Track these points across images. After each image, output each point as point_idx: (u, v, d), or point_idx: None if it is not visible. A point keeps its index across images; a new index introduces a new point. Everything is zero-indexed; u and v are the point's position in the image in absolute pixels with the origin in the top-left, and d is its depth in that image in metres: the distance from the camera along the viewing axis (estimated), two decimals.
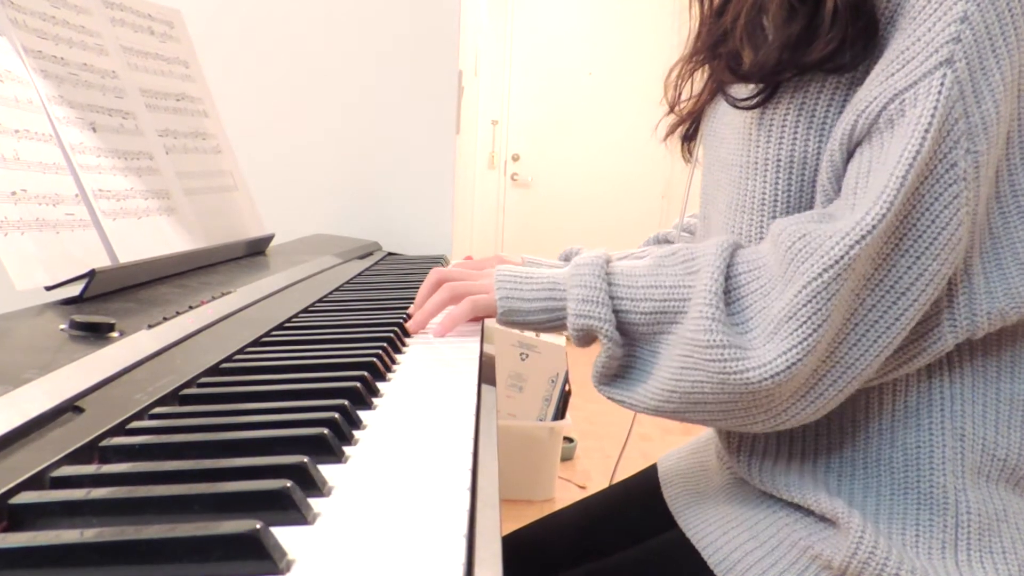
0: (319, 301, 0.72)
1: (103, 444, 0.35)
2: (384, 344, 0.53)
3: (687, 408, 0.49)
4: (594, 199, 3.64)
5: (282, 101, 1.30)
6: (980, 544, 0.47)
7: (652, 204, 3.59)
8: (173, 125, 0.82)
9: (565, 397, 1.85)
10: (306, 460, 0.32)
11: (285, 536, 0.27)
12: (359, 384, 0.44)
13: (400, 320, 0.63)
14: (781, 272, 0.44)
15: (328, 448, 0.35)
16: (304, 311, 0.67)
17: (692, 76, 0.58)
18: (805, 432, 0.52)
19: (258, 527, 0.25)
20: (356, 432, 0.39)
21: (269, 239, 0.98)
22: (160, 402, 0.41)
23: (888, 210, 0.41)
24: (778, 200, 0.49)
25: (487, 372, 0.54)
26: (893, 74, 0.43)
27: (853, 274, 0.42)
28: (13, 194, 0.54)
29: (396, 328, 0.60)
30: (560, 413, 1.85)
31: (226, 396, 0.43)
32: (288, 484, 0.29)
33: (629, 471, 0.74)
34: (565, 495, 1.88)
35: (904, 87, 0.42)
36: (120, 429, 0.37)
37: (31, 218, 0.55)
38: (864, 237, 0.41)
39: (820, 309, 0.42)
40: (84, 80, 0.69)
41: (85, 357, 0.42)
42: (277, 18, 1.29)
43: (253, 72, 1.29)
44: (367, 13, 1.28)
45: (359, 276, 0.90)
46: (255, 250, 0.94)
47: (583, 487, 1.95)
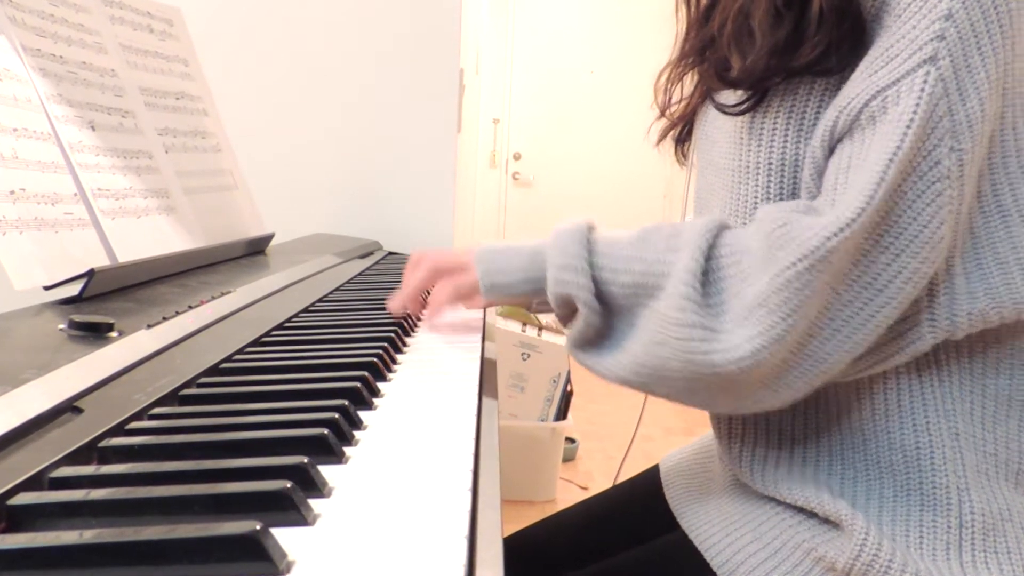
0: (319, 301, 0.72)
1: (102, 445, 0.35)
2: (385, 344, 0.53)
3: (654, 382, 0.49)
4: (596, 198, 3.64)
5: (282, 99, 1.30)
6: (985, 544, 0.46)
7: (654, 203, 3.59)
8: (172, 124, 0.82)
9: (567, 397, 1.85)
10: (306, 461, 0.32)
11: (285, 537, 0.27)
12: (360, 384, 0.44)
13: (401, 320, 0.63)
14: (760, 258, 0.44)
15: (328, 449, 0.35)
16: (304, 311, 0.67)
17: (682, 80, 0.58)
18: (807, 436, 0.52)
19: (258, 528, 0.25)
20: (357, 432, 0.39)
21: (269, 238, 0.98)
22: (159, 402, 0.41)
23: (868, 204, 0.41)
24: (771, 203, 0.49)
25: (488, 373, 0.54)
26: (877, 71, 0.43)
27: (829, 267, 0.42)
28: (12, 193, 0.54)
29: (397, 328, 0.59)
30: (562, 413, 1.84)
31: (226, 396, 0.43)
32: (288, 485, 0.29)
33: (631, 471, 0.74)
34: (567, 496, 1.88)
35: (887, 84, 0.42)
36: (119, 430, 0.37)
37: (30, 217, 0.55)
38: (842, 230, 0.41)
39: (791, 298, 0.42)
40: (83, 78, 0.68)
41: (84, 357, 0.42)
42: (277, 16, 1.29)
43: (253, 70, 1.29)
44: (367, 11, 1.27)
45: (360, 276, 0.90)
46: (255, 249, 0.94)
47: (585, 488, 1.95)
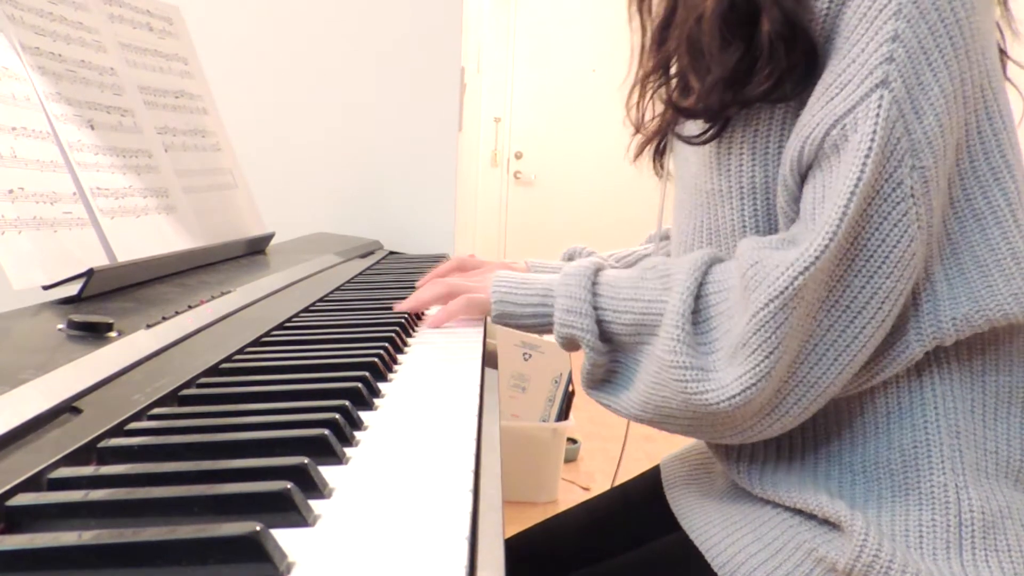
0: (320, 300, 0.72)
1: (101, 445, 0.35)
2: (386, 344, 0.53)
3: (661, 420, 0.51)
4: (597, 197, 3.64)
5: (282, 98, 1.30)
6: (984, 543, 0.46)
7: (655, 202, 3.57)
8: (172, 122, 0.82)
9: (569, 398, 1.85)
10: (307, 461, 0.32)
11: (285, 538, 0.27)
12: (360, 384, 0.43)
13: (402, 320, 0.63)
14: (741, 297, 0.46)
15: (329, 449, 0.35)
16: (305, 311, 0.67)
17: (653, 98, 0.58)
18: (804, 438, 0.52)
19: (258, 529, 0.25)
20: (357, 433, 0.39)
21: (269, 238, 0.97)
22: (159, 403, 0.41)
23: (831, 240, 0.42)
24: (747, 225, 0.50)
25: (489, 373, 0.54)
26: (832, 98, 0.44)
27: (801, 302, 0.43)
28: (10, 192, 0.54)
29: (398, 328, 0.59)
30: (564, 414, 1.84)
31: (226, 397, 0.43)
32: (288, 486, 0.29)
33: (633, 472, 0.74)
34: (569, 497, 1.88)
35: (843, 112, 0.43)
36: (118, 430, 0.37)
37: (28, 217, 0.54)
38: (807, 268, 0.42)
39: (769, 338, 0.43)
40: (82, 77, 0.68)
41: (83, 357, 0.42)
42: (277, 15, 1.28)
43: (253, 68, 1.29)
44: (368, 9, 1.27)
45: (360, 275, 0.90)
46: (255, 249, 0.94)
47: (587, 489, 1.95)
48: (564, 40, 3.58)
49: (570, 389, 1.85)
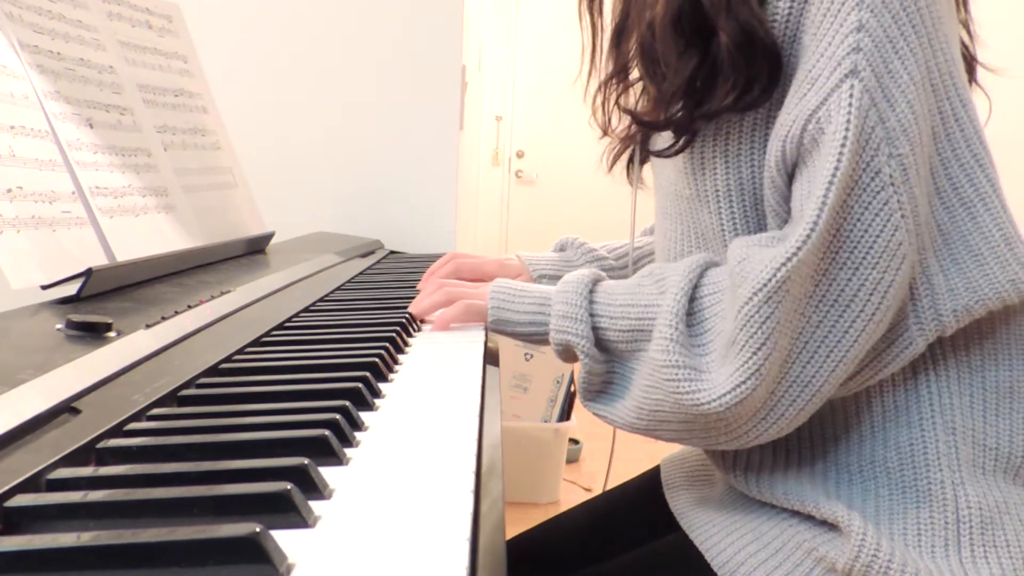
0: (320, 300, 0.72)
1: (100, 446, 0.35)
2: (386, 344, 0.53)
3: (654, 426, 0.50)
4: (599, 196, 3.62)
5: (282, 97, 1.30)
6: (983, 539, 0.46)
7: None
8: (171, 121, 0.82)
9: (570, 398, 1.85)
10: (307, 462, 0.31)
11: (285, 539, 0.27)
12: (361, 385, 0.43)
13: (403, 320, 0.63)
14: (730, 297, 0.45)
15: (329, 450, 0.35)
16: (305, 310, 0.67)
17: (617, 102, 0.58)
18: (800, 439, 0.52)
19: (258, 530, 0.25)
20: (358, 434, 0.39)
21: (269, 237, 0.97)
22: (158, 403, 0.40)
23: (812, 231, 0.42)
24: (725, 228, 0.50)
25: (491, 373, 0.54)
26: (805, 94, 0.43)
27: (787, 295, 0.43)
28: (9, 191, 0.53)
29: (398, 328, 0.59)
30: (565, 414, 1.84)
31: (225, 397, 0.43)
32: (288, 487, 0.29)
33: (634, 472, 0.74)
34: (570, 498, 1.87)
35: (816, 105, 0.43)
36: (117, 431, 0.37)
37: (27, 216, 0.54)
38: (789, 259, 0.42)
39: (755, 333, 0.43)
40: (81, 75, 0.68)
41: (82, 357, 0.42)
42: (278, 14, 1.28)
43: (253, 67, 1.29)
44: (369, 8, 1.27)
45: (361, 275, 0.90)
46: (255, 248, 0.94)
47: (588, 489, 1.94)
48: (566, 38, 3.56)
49: (572, 390, 1.85)
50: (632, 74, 0.55)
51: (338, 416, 0.37)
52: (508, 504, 0.40)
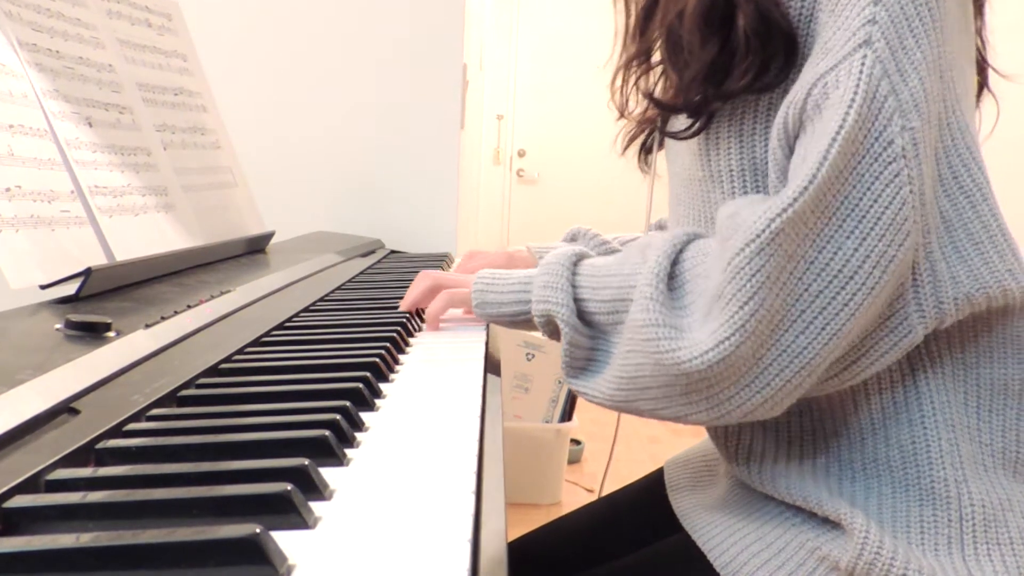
0: (320, 300, 0.72)
1: (99, 446, 0.35)
2: (387, 344, 0.53)
3: (634, 396, 0.49)
4: (601, 195, 3.62)
5: (282, 95, 1.30)
6: (987, 536, 0.46)
7: (660, 200, 3.57)
8: (171, 120, 0.82)
9: (572, 398, 1.84)
10: (307, 463, 0.31)
11: (286, 541, 0.27)
12: (361, 385, 0.43)
13: (404, 320, 0.62)
14: (718, 254, 0.44)
15: (330, 450, 0.35)
16: (305, 310, 0.67)
17: (636, 84, 0.58)
18: (803, 430, 0.52)
19: (258, 531, 0.25)
20: (358, 434, 0.38)
21: (269, 237, 0.97)
22: (158, 403, 0.40)
23: (810, 182, 0.41)
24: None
25: (492, 373, 0.54)
26: (817, 64, 0.44)
27: (779, 250, 0.42)
28: (7, 190, 0.53)
29: (399, 328, 0.59)
30: (567, 415, 1.84)
31: (225, 397, 0.43)
32: (289, 487, 0.29)
33: (638, 473, 0.74)
34: (572, 498, 1.87)
35: (825, 70, 0.43)
36: (117, 431, 0.36)
37: (26, 215, 0.54)
38: (784, 210, 0.41)
39: (744, 285, 0.41)
40: (80, 74, 0.68)
41: (81, 357, 0.42)
42: (278, 13, 1.28)
43: (253, 65, 1.28)
44: (370, 6, 1.27)
45: (361, 275, 0.89)
46: (255, 248, 0.93)
47: (591, 490, 1.94)
48: (568, 36, 3.57)
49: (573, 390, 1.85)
50: (653, 57, 0.55)
51: (338, 416, 0.37)
52: (509, 505, 0.40)
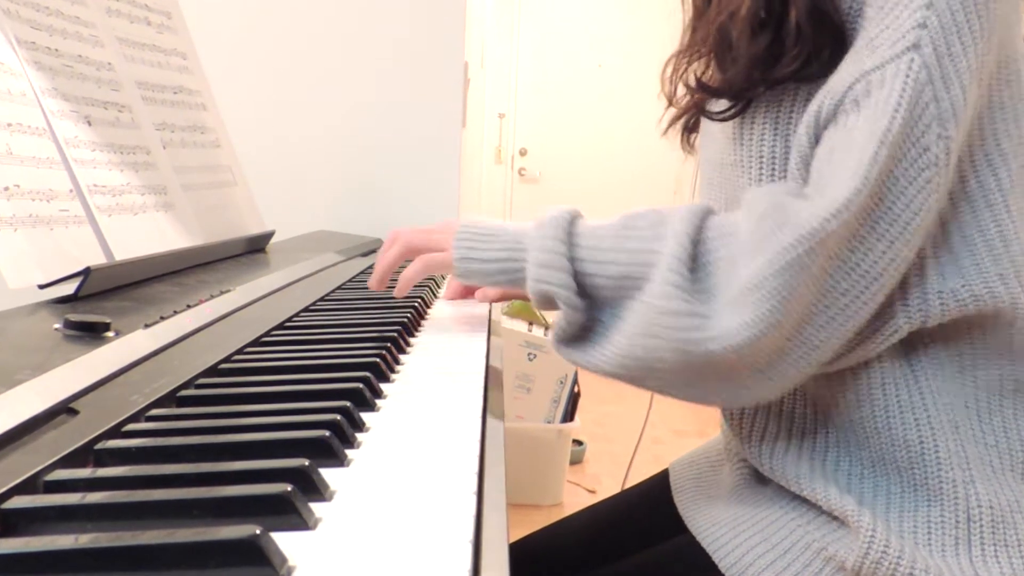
0: (321, 300, 0.71)
1: (98, 447, 0.34)
2: (388, 344, 0.53)
3: (644, 375, 0.48)
4: (604, 195, 3.62)
5: (283, 94, 1.29)
6: (994, 538, 0.46)
7: (663, 199, 3.57)
8: (170, 118, 0.81)
9: (574, 399, 1.84)
10: (307, 463, 0.31)
11: (286, 542, 0.26)
12: (362, 385, 0.43)
13: (405, 319, 0.62)
14: (751, 241, 0.44)
15: (330, 451, 0.34)
16: (305, 310, 0.67)
17: (687, 70, 0.58)
18: (816, 425, 0.52)
19: (258, 532, 0.25)
20: (359, 435, 0.38)
21: (269, 236, 0.97)
22: (157, 404, 0.40)
23: (863, 185, 0.41)
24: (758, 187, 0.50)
25: (494, 373, 0.53)
26: (862, 60, 0.44)
27: (824, 251, 0.42)
28: (6, 189, 0.53)
29: (400, 328, 0.59)
30: (569, 415, 1.84)
31: (225, 398, 0.43)
32: (289, 488, 0.28)
33: (640, 475, 0.73)
34: (574, 499, 1.87)
35: (871, 68, 0.43)
36: (116, 431, 0.36)
37: (24, 214, 0.54)
38: (839, 212, 0.41)
39: (788, 282, 0.42)
40: (79, 72, 0.68)
41: (80, 357, 0.41)
42: (278, 11, 1.28)
43: (253, 64, 1.28)
44: (371, 4, 1.26)
45: (362, 274, 0.89)
46: (255, 247, 0.93)
47: (593, 491, 1.94)
48: (569, 35, 3.57)
49: (575, 390, 1.85)
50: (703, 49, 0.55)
51: (339, 417, 0.37)
52: (511, 506, 0.40)
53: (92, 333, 0.46)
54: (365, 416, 0.40)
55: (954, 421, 0.47)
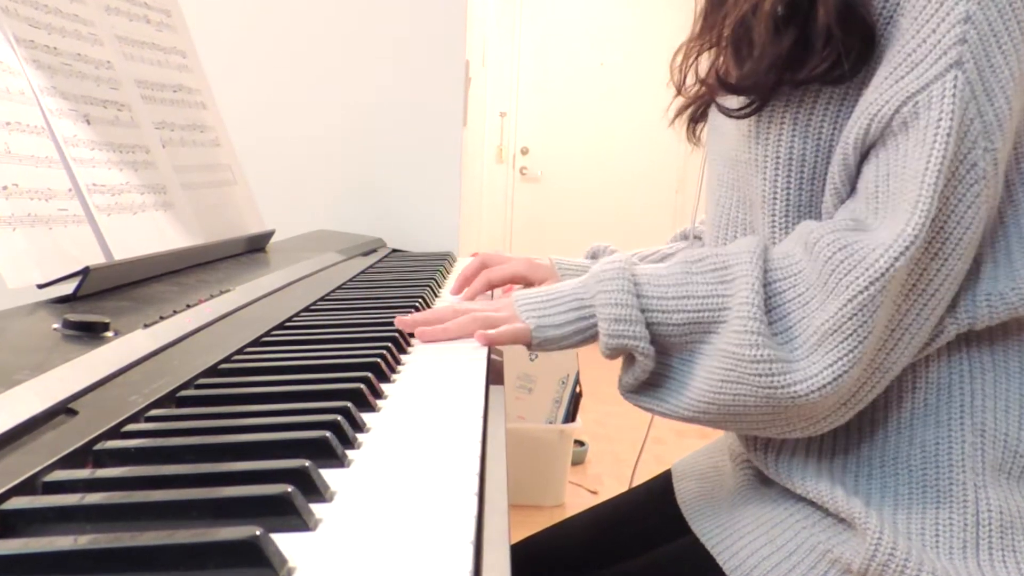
0: (321, 300, 0.71)
1: (97, 447, 0.34)
2: (388, 344, 0.52)
3: (726, 419, 0.50)
4: (605, 194, 3.62)
5: (283, 93, 1.29)
6: (1002, 543, 0.46)
7: (665, 198, 3.57)
8: (170, 117, 0.81)
9: (576, 399, 1.84)
10: (307, 464, 0.31)
11: (286, 543, 0.26)
12: (362, 385, 0.43)
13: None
14: (821, 282, 0.45)
15: (330, 452, 0.34)
16: (305, 310, 0.66)
17: (697, 60, 0.58)
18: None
19: (258, 533, 0.25)
20: (359, 435, 0.38)
21: (269, 235, 0.97)
22: (156, 404, 0.40)
23: (927, 219, 0.42)
24: (778, 196, 0.50)
25: (495, 374, 0.53)
26: (902, 77, 0.44)
27: (895, 285, 0.43)
28: (4, 189, 0.53)
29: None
30: (571, 415, 1.83)
31: (225, 398, 0.42)
32: (289, 489, 0.28)
33: (643, 475, 0.73)
34: (576, 500, 1.87)
35: (916, 90, 0.43)
36: (115, 432, 0.36)
37: (23, 213, 0.54)
38: (907, 248, 0.42)
39: (866, 322, 0.43)
40: (78, 71, 0.67)
41: (79, 357, 0.41)
42: (279, 9, 1.27)
43: (253, 62, 1.28)
44: (371, 3, 1.26)
45: (362, 274, 0.89)
46: (255, 247, 0.93)
47: (594, 492, 1.94)
48: (571, 33, 3.56)
49: (577, 390, 1.84)
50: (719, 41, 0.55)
51: (339, 417, 0.37)
52: (512, 507, 0.39)
53: (91, 333, 0.46)
54: (365, 416, 0.40)
55: (980, 424, 0.47)
